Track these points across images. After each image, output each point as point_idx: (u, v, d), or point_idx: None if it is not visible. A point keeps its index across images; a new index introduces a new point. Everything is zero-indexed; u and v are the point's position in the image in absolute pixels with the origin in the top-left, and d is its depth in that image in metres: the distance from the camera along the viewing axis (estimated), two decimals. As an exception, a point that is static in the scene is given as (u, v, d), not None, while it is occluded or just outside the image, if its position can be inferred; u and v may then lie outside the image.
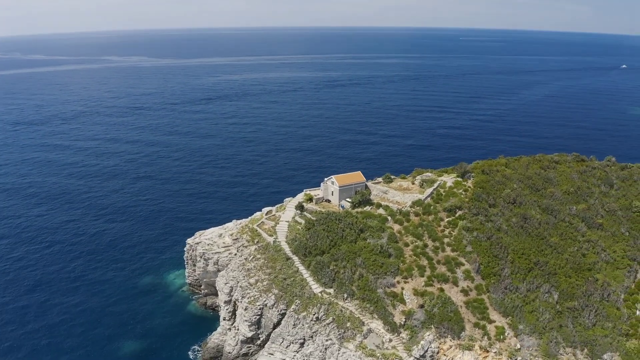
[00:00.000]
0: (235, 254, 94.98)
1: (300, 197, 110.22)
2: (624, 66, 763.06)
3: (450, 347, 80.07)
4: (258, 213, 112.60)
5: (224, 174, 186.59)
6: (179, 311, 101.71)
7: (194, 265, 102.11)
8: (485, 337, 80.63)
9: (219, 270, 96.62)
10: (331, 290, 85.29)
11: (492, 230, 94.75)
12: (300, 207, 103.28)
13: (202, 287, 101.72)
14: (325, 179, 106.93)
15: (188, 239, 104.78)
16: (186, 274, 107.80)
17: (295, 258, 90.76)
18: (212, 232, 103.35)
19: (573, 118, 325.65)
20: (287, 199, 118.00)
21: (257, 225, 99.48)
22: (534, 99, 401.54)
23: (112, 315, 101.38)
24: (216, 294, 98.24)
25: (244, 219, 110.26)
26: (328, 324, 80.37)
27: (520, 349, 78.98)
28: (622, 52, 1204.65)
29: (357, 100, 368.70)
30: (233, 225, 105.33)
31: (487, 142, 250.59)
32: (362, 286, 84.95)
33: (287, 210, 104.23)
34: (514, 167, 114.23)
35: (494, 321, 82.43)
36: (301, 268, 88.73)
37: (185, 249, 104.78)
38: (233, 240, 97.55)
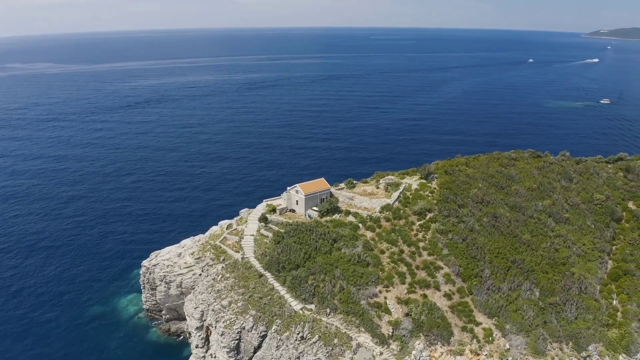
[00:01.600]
0: (200, 275, 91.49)
1: (261, 208, 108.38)
2: (530, 60, 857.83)
3: (442, 354, 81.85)
4: (215, 228, 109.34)
5: (164, 189, 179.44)
6: (139, 340, 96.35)
7: (153, 289, 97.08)
8: (475, 340, 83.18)
9: (182, 293, 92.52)
10: (312, 306, 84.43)
11: (465, 231, 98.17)
12: (264, 219, 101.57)
13: (164, 312, 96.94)
14: (288, 188, 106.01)
15: (143, 262, 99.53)
16: (143, 299, 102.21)
17: (268, 274, 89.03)
18: (169, 252, 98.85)
19: (495, 113, 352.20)
20: (243, 211, 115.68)
21: (220, 242, 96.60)
22: (455, 95, 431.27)
23: (66, 357, 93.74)
24: (180, 319, 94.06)
25: (200, 235, 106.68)
26: (314, 342, 79.36)
27: (509, 349, 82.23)
28: (526, 47, 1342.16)
29: (284, 103, 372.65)
30: (191, 243, 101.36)
31: (420, 141, 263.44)
32: (345, 299, 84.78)
33: (250, 223, 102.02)
34: (475, 165, 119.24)
35: (481, 323, 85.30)
36: (276, 285, 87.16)
37: (140, 272, 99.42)
38: (195, 259, 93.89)
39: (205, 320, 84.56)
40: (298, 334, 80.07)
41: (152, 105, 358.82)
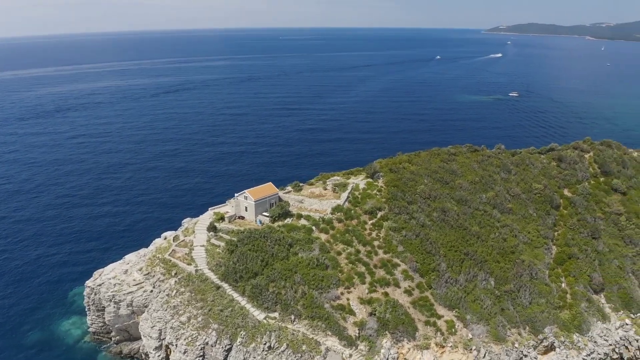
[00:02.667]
0: (152, 291, 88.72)
1: (207, 217, 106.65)
2: (438, 57, 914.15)
3: (409, 350, 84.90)
4: (159, 240, 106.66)
5: (90, 204, 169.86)
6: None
7: (99, 310, 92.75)
8: (439, 333, 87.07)
9: (134, 313, 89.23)
10: (276, 314, 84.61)
11: (417, 227, 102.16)
12: (212, 228, 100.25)
13: (113, 333, 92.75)
14: (236, 194, 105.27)
15: (87, 282, 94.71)
16: (88, 322, 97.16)
17: (225, 285, 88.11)
18: (113, 270, 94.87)
19: (414, 110, 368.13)
20: (185, 220, 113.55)
21: (169, 255, 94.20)
22: (373, 93, 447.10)
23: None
24: (132, 339, 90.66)
25: (144, 249, 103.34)
26: (283, 351, 79.59)
27: (472, 338, 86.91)
28: (432, 44, 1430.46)
29: (204, 107, 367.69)
30: (137, 259, 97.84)
31: (347, 140, 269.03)
32: (308, 304, 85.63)
33: (198, 233, 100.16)
34: (417, 162, 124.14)
35: (443, 316, 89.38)
36: (236, 295, 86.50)
37: (84, 293, 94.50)
38: (144, 275, 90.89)
39: (164, 339, 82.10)
40: (265, 344, 79.81)
41: (63, 114, 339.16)
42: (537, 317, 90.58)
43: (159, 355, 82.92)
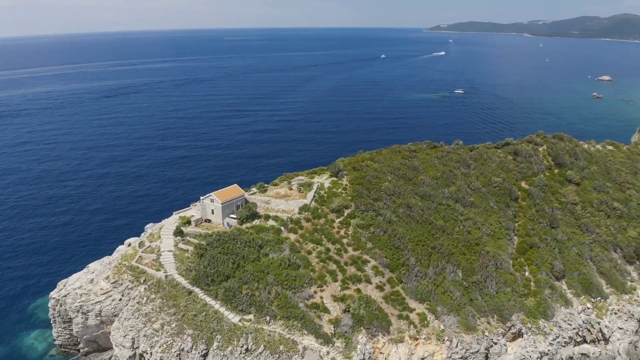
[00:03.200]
0: (121, 299, 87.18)
1: (172, 221, 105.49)
2: (383, 56, 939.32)
3: (384, 344, 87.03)
4: (123, 247, 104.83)
5: (45, 215, 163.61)
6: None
7: (66, 322, 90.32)
8: (412, 326, 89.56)
9: (102, 323, 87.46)
10: (250, 316, 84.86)
11: (384, 223, 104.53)
12: (179, 232, 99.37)
13: (81, 345, 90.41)
14: (202, 197, 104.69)
15: (52, 293, 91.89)
16: (54, 334, 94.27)
17: (197, 290, 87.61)
18: (78, 280, 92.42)
19: (365, 109, 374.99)
20: (148, 226, 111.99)
21: (136, 261, 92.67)
22: (322, 93, 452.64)
23: None
24: (101, 350, 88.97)
25: (108, 257, 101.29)
26: (260, 352, 79.95)
27: (444, 329, 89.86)
28: (376, 43, 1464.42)
29: (153, 110, 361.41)
30: (102, 267, 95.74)
31: (301, 141, 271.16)
32: (283, 304, 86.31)
33: (164, 238, 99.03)
34: (379, 160, 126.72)
35: (414, 309, 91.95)
36: (209, 299, 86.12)
37: (49, 305, 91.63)
38: (112, 284, 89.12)
39: (137, 347, 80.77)
40: (242, 346, 79.91)
41: (5, 120, 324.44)
42: (504, 306, 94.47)
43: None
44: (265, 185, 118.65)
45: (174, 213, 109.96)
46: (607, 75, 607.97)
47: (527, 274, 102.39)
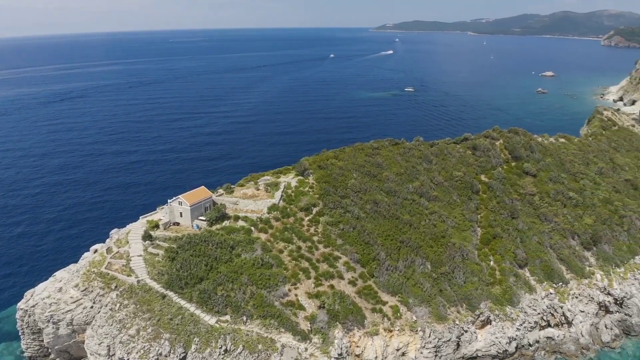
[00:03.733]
0: (92, 307, 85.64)
1: (139, 225, 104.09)
2: (332, 56, 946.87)
3: (360, 337, 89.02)
4: (89, 254, 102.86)
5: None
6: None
7: (34, 333, 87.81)
8: (385, 318, 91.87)
9: (74, 332, 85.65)
10: (227, 317, 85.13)
11: (353, 220, 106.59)
12: (148, 236, 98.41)
13: (52, 356, 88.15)
14: (169, 200, 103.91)
15: (19, 304, 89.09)
16: (23, 346, 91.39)
17: (171, 294, 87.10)
18: (45, 289, 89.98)
19: (318, 108, 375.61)
20: (113, 232, 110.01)
21: (105, 268, 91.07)
22: (274, 94, 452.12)
23: None
24: (73, 359, 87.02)
25: (74, 265, 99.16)
26: (240, 353, 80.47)
27: (416, 320, 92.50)
28: (324, 43, 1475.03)
29: (103, 114, 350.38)
30: (69, 275, 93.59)
31: (259, 143, 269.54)
32: (258, 303, 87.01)
33: (133, 243, 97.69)
34: (343, 158, 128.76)
35: (387, 302, 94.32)
36: (183, 303, 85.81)
37: (17, 316, 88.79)
38: (82, 291, 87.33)
39: (113, 354, 79.64)
40: (220, 347, 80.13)
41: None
42: (472, 295, 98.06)
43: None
44: (232, 186, 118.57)
45: (140, 217, 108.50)
46: (550, 71, 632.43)
47: (492, 263, 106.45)
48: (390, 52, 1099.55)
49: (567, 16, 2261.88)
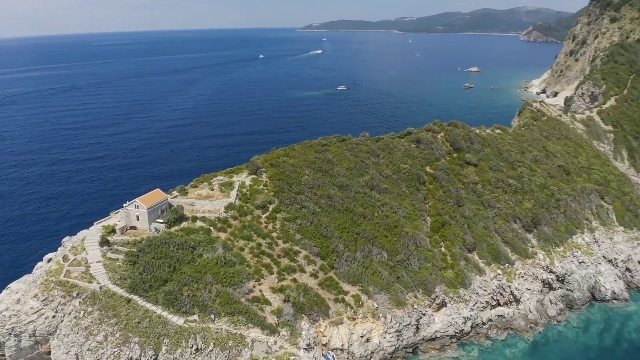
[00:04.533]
0: (55, 316, 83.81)
1: (94, 231, 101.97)
2: (261, 56, 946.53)
3: (325, 327, 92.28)
4: (43, 263, 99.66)
5: None
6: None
7: (0, 347, 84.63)
8: (348, 307, 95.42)
9: (37, 343, 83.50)
10: (195, 317, 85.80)
11: (309, 215, 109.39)
12: (105, 242, 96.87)
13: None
14: (125, 204, 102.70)
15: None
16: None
17: (136, 297, 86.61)
18: (1, 301, 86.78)
19: (253, 109, 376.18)
20: (65, 240, 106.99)
21: (64, 276, 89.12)
22: (208, 96, 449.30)
23: None
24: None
25: (27, 275, 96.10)
26: (211, 350, 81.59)
27: (377, 307, 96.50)
28: (252, 44, 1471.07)
29: (35, 121, 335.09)
30: (25, 286, 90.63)
31: (200, 147, 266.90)
32: (225, 301, 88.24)
33: (90, 249, 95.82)
34: (294, 155, 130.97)
35: (348, 292, 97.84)
36: (149, 305, 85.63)
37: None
38: (42, 302, 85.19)
39: (82, 362, 78.68)
40: (191, 347, 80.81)
41: None
42: (428, 280, 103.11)
43: (79, 380, 79.32)
44: (186, 187, 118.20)
45: (94, 223, 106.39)
46: (475, 66, 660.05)
47: (442, 249, 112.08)
48: (320, 51, 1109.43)
49: (487, 13, 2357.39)
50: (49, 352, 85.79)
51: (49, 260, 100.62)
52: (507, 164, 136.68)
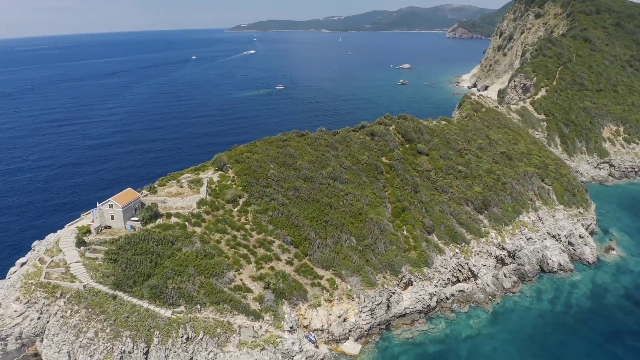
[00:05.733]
0: (40, 318, 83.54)
1: (68, 233, 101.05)
2: (194, 57, 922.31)
3: (305, 310, 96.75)
4: (17, 268, 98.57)
5: None
6: None
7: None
8: (324, 290, 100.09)
9: (23, 345, 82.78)
10: (181, 308, 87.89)
11: (278, 206, 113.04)
12: (82, 242, 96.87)
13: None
14: (99, 205, 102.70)
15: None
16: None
17: (121, 294, 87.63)
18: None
19: (196, 111, 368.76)
20: (35, 243, 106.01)
21: (44, 278, 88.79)
22: (145, 98, 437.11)
23: None
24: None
25: (1, 281, 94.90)
26: (201, 339, 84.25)
27: (351, 289, 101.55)
28: (182, 45, 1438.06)
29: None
30: (3, 291, 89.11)
31: (145, 151, 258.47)
32: (209, 291, 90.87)
33: (66, 250, 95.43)
34: (257, 151, 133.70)
35: (323, 276, 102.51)
36: (135, 300, 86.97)
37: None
38: (25, 304, 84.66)
39: (76, 359, 79.16)
40: (182, 336, 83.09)
41: None
42: (394, 261, 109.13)
43: (72, 378, 79.74)
44: (155, 186, 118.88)
45: (66, 225, 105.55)
46: (407, 63, 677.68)
47: (405, 232, 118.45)
48: (253, 51, 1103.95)
49: (413, 11, 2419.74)
50: (35, 354, 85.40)
51: (22, 264, 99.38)
52: (455, 152, 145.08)
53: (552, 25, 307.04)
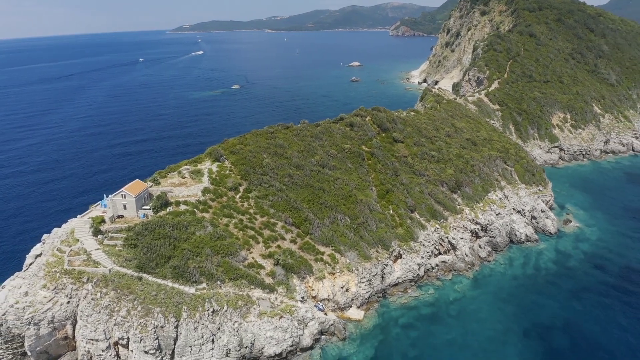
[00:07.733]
0: (69, 302, 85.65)
1: (81, 224, 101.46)
2: (141, 60, 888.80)
3: (312, 282, 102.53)
4: (32, 259, 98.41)
5: None
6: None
7: (7, 342, 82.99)
8: (327, 265, 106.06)
9: (55, 329, 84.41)
10: (203, 285, 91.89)
11: (277, 192, 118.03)
12: (98, 231, 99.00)
13: (32, 359, 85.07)
14: (111, 196, 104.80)
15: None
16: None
17: (145, 275, 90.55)
18: (7, 297, 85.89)
19: (155, 113, 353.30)
20: (45, 236, 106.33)
21: (68, 265, 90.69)
22: (102, 101, 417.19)
23: None
24: (52, 359, 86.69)
25: (20, 272, 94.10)
26: (226, 311, 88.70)
27: (350, 262, 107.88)
28: (124, 48, 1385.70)
29: None
30: (26, 281, 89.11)
31: (118, 155, 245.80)
32: (227, 269, 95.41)
33: (84, 239, 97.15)
34: (248, 143, 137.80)
35: (324, 252, 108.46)
36: (160, 281, 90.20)
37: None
38: (53, 290, 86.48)
39: (110, 337, 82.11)
40: (208, 310, 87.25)
41: None
42: (384, 237, 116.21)
43: (110, 355, 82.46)
44: (157, 177, 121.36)
45: (78, 216, 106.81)
46: (356, 61, 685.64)
47: (391, 211, 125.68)
48: (201, 52, 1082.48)
49: (355, 10, 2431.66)
50: (65, 338, 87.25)
51: (38, 255, 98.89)
52: (427, 140, 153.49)
53: (497, 22, 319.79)
